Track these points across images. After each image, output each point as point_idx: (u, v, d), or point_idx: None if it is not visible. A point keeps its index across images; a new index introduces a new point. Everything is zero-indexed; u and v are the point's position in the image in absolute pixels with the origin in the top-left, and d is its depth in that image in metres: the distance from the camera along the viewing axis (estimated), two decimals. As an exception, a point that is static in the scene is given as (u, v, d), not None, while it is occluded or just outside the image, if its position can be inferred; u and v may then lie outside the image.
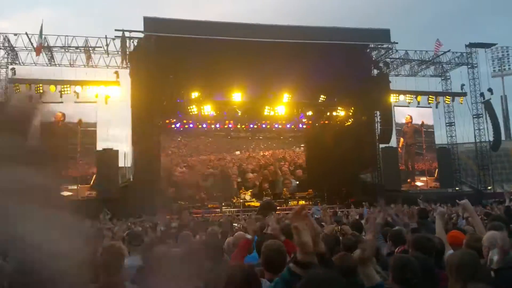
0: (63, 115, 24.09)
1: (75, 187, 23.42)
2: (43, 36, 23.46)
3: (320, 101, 27.26)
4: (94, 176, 24.43)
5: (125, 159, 31.60)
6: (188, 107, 25.17)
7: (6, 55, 24.62)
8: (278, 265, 3.53)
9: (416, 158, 29.73)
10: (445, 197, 21.87)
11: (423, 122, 29.92)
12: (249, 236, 4.44)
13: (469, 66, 31.46)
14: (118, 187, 24.92)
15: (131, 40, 23.96)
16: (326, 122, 29.04)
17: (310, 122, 29.61)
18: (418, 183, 29.57)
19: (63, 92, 23.81)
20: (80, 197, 23.66)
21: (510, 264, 3.36)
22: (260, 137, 31.57)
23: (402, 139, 29.32)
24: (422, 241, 4.02)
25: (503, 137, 37.81)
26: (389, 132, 27.44)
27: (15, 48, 24.30)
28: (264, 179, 29.91)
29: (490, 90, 31.56)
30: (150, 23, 22.58)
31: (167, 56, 22.17)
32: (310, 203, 25.48)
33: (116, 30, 23.59)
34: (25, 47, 24.01)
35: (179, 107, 25.40)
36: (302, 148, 32.19)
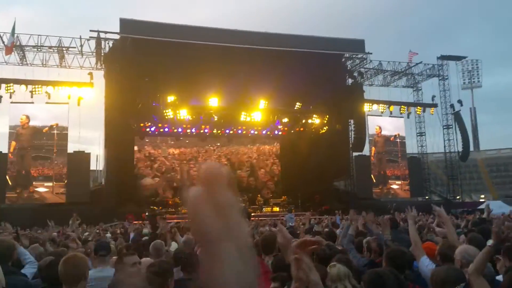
0: (27, 117, 23.57)
1: (50, 184, 23.60)
2: (15, 35, 22.83)
3: (296, 108, 27.42)
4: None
5: (97, 162, 31.07)
6: (164, 111, 24.89)
7: (-25, 53, 23.81)
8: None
9: (388, 165, 30.28)
10: (416, 206, 22.22)
11: (398, 134, 30.62)
12: None
13: (440, 78, 32.27)
14: (89, 191, 24.42)
15: (107, 42, 23.61)
16: (302, 129, 29.24)
17: (285, 128, 29.77)
18: (394, 186, 30.21)
19: (34, 92, 23.22)
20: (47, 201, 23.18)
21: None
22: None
23: (374, 148, 29.88)
24: (396, 255, 4.06)
25: (471, 148, 38.84)
26: (362, 141, 27.85)
27: (-15, 46, 23.51)
28: (167, 185, 28.75)
29: (460, 101, 32.50)
30: (126, 24, 22.27)
31: (143, 58, 21.89)
32: (284, 210, 25.62)
33: (91, 30, 23.23)
34: (-1, 48, 23.26)
35: (154, 111, 25.08)
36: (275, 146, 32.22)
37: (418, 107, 31.47)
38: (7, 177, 22.98)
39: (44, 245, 5.71)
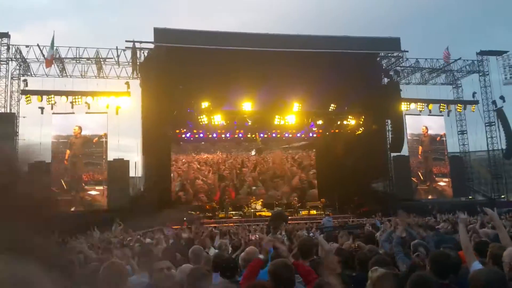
0: (80, 128, 24.50)
1: (100, 187, 24.58)
2: (54, 48, 23.69)
3: (330, 110, 27.10)
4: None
5: (136, 169, 31.73)
6: (199, 117, 25.17)
7: (18, 67, 24.87)
8: (286, 281, 3.50)
9: (435, 163, 29.56)
10: (459, 206, 21.52)
11: (444, 134, 30.02)
12: (261, 256, 4.32)
13: (480, 74, 31.17)
14: (129, 197, 24.95)
15: (142, 51, 24.11)
16: (337, 131, 28.87)
17: (320, 131, 29.48)
18: (441, 183, 29.46)
19: (74, 103, 24.01)
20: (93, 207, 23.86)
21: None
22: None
23: (420, 147, 29.21)
24: (441, 258, 3.89)
25: (516, 145, 37.18)
26: (400, 141, 27.16)
27: (27, 60, 24.53)
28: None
29: (502, 97, 31.17)
30: (160, 33, 22.68)
31: (177, 66, 22.24)
32: (321, 213, 25.34)
33: (126, 41, 23.77)
34: (37, 58, 24.20)
35: (189, 117, 25.42)
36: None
37: (459, 105, 30.50)
38: (62, 182, 23.83)
39: (84, 253, 5.80)
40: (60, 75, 25.16)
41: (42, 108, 23.88)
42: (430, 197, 28.75)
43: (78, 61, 24.69)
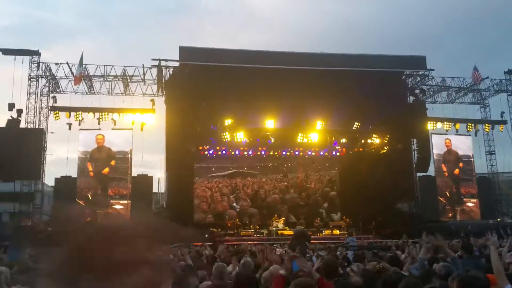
0: (103, 136, 24.86)
1: (125, 202, 24.64)
2: (83, 66, 24.32)
3: (354, 128, 26.86)
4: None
5: (159, 185, 32.03)
6: (221, 134, 25.30)
7: (47, 84, 25.57)
8: None
9: (462, 184, 28.87)
10: (487, 229, 20.83)
11: (472, 155, 29.49)
12: (282, 272, 4.25)
13: (508, 93, 30.46)
14: (152, 213, 24.99)
15: (167, 69, 24.48)
16: (361, 149, 28.54)
17: (344, 149, 29.19)
18: (469, 204, 28.69)
19: (101, 119, 24.47)
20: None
21: None
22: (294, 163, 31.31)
23: (443, 166, 28.53)
24: (470, 281, 3.73)
25: (547, 166, 35.99)
26: (426, 161, 26.60)
27: (56, 77, 25.20)
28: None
29: (531, 117, 30.31)
30: (185, 52, 23.07)
31: (201, 84, 22.52)
32: (345, 232, 24.91)
33: (153, 59, 24.18)
34: (66, 76, 24.85)
35: (212, 134, 25.58)
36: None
37: (486, 124, 29.78)
38: (89, 195, 24.21)
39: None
40: (88, 92, 25.74)
41: (70, 124, 24.42)
42: (458, 218, 27.95)
43: (105, 79, 25.22)
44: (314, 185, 31.11)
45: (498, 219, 29.61)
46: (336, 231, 26.09)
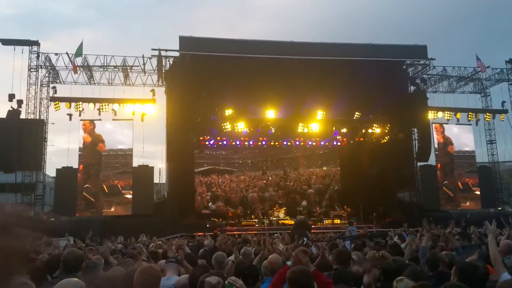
0: (91, 122, 24.71)
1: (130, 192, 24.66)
2: (83, 55, 24.24)
3: (355, 118, 26.82)
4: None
5: (160, 176, 32.09)
6: (222, 124, 25.27)
7: (47, 74, 25.49)
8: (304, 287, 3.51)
9: (463, 173, 29.00)
10: (488, 218, 20.90)
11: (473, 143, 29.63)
12: (289, 263, 4.28)
13: (510, 83, 30.35)
14: (153, 203, 25.15)
15: (167, 59, 24.40)
16: (361, 139, 28.50)
17: (345, 139, 29.15)
18: (469, 194, 28.88)
19: (101, 110, 24.45)
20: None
21: None
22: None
23: (446, 156, 28.68)
24: (468, 269, 3.76)
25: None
26: (427, 150, 26.58)
27: (56, 68, 25.12)
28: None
29: (533, 106, 30.25)
30: (185, 42, 22.94)
31: (201, 74, 22.46)
32: (345, 222, 24.99)
33: (152, 49, 24.13)
34: (66, 66, 24.77)
35: (213, 124, 25.54)
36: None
37: (487, 114, 29.73)
38: (104, 186, 24.43)
39: (107, 259, 5.86)
40: (88, 83, 25.68)
41: (70, 115, 24.39)
42: (459, 208, 28.03)
43: (105, 69, 25.16)
44: (292, 183, 30.70)
45: (499, 208, 29.68)
46: (337, 221, 26.17)
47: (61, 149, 25.91)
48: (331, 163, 32.10)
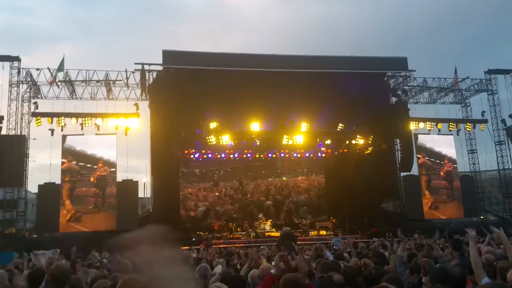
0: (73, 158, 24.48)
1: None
2: (64, 70, 24.09)
3: (338, 129, 27.09)
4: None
5: (145, 190, 31.83)
6: (207, 138, 25.26)
7: (28, 90, 25.23)
8: None
9: (442, 184, 29.29)
10: (471, 226, 21.17)
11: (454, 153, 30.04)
12: (273, 271, 4.29)
13: (489, 93, 31.04)
14: (138, 218, 24.90)
15: (151, 73, 24.39)
16: (345, 150, 28.76)
17: (329, 150, 29.38)
18: (452, 203, 29.14)
19: (84, 125, 24.26)
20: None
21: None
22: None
23: (424, 169, 29.03)
24: (441, 275, 3.86)
25: (528, 164, 36.74)
26: (410, 160, 26.97)
27: (37, 83, 24.88)
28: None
29: (511, 116, 30.97)
30: (168, 56, 23.01)
31: (185, 87, 22.49)
32: (331, 233, 25.06)
33: (136, 63, 24.09)
34: (47, 81, 24.53)
35: (197, 138, 25.51)
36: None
37: (468, 124, 30.33)
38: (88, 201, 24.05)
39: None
40: (70, 97, 25.47)
41: (52, 130, 24.14)
42: (442, 217, 28.32)
43: (88, 84, 25.01)
44: (250, 195, 29.88)
45: (481, 217, 30.09)
46: (323, 232, 26.23)
47: (43, 165, 25.57)
48: (306, 171, 31.67)
